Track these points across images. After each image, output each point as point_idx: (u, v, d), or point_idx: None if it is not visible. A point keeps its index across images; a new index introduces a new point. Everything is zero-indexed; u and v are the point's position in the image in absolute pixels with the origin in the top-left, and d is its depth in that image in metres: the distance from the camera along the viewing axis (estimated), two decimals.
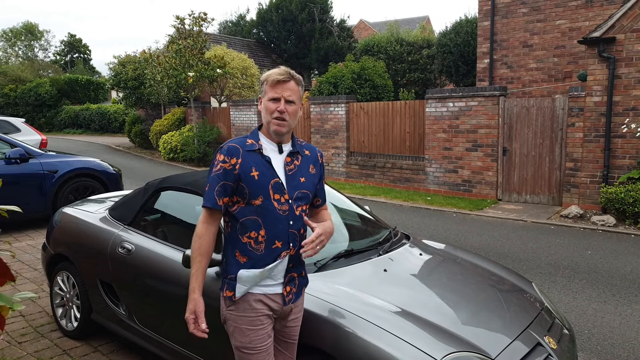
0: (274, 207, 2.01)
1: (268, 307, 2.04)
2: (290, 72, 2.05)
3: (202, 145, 14.37)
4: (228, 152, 2.01)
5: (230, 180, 2.00)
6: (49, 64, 44.30)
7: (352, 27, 26.29)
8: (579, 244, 6.33)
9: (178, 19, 13.80)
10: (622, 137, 7.70)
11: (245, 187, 1.99)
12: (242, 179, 1.99)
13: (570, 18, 11.48)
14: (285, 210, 2.04)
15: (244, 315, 2.02)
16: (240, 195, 2.01)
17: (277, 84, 2.02)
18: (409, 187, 10.35)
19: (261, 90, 2.09)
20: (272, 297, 2.05)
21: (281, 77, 2.02)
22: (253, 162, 2.02)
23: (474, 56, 13.84)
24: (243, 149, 2.03)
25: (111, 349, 3.56)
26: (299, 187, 2.09)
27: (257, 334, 2.02)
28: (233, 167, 1.99)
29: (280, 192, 2.03)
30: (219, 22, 32.79)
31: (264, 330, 2.03)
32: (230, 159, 2.00)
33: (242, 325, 2.02)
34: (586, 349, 3.63)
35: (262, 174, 2.01)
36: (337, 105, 11.50)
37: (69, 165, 7.21)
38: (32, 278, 5.00)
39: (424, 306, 2.43)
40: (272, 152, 2.07)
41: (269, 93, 2.03)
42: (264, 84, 2.06)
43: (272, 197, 2.02)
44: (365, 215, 3.57)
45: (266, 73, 2.09)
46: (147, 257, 3.05)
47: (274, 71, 2.06)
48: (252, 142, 2.07)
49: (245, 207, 2.02)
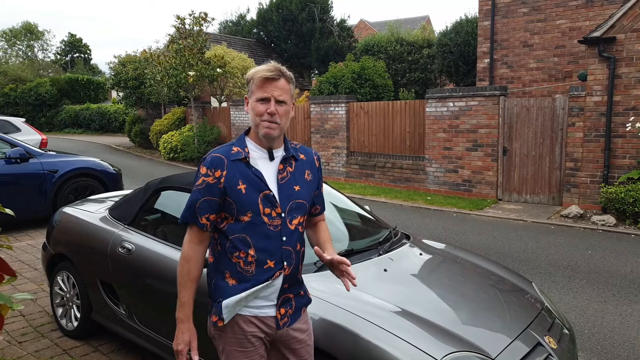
0: (264, 222, 1.80)
1: (260, 330, 1.84)
2: (280, 68, 1.81)
3: (203, 145, 14.38)
4: (211, 164, 1.79)
5: (215, 195, 1.78)
6: (49, 63, 44.32)
7: (352, 27, 26.27)
8: (579, 244, 6.33)
9: (178, 19, 13.81)
10: (622, 137, 7.70)
11: (233, 202, 1.78)
12: (229, 193, 1.78)
13: (571, 18, 11.48)
14: (277, 225, 1.82)
15: (233, 337, 1.83)
16: (227, 212, 1.81)
17: (266, 82, 1.77)
18: (409, 187, 10.35)
19: (248, 90, 1.84)
20: (263, 320, 1.84)
21: (270, 75, 1.77)
22: (239, 173, 1.79)
23: (474, 56, 13.84)
24: (228, 160, 1.80)
25: (111, 349, 3.56)
26: (293, 196, 1.86)
27: (248, 356, 1.83)
28: (217, 180, 1.77)
29: (272, 205, 1.81)
30: (219, 22, 32.78)
31: (255, 352, 1.84)
32: (214, 171, 1.78)
33: (231, 347, 1.83)
34: (586, 349, 3.63)
35: (250, 186, 1.79)
36: (337, 105, 11.50)
37: (69, 165, 7.21)
38: (32, 278, 5.00)
39: (424, 306, 2.43)
40: (261, 159, 1.84)
41: (257, 93, 1.79)
42: (250, 83, 1.81)
43: (262, 211, 1.79)
44: (365, 215, 3.57)
45: (252, 70, 1.83)
46: (147, 257, 3.05)
47: (261, 67, 1.81)
48: (238, 149, 1.83)
49: (234, 223, 1.81)
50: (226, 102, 15.81)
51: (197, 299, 1.88)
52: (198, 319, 1.92)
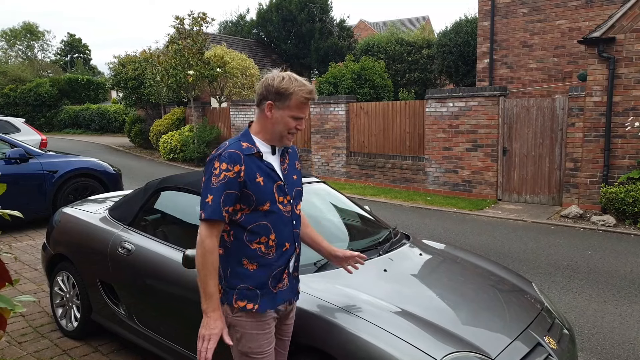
0: (279, 210, 1.99)
1: (276, 310, 2.04)
2: (314, 90, 1.98)
3: (202, 145, 14.37)
4: (231, 159, 1.89)
5: (235, 188, 1.90)
6: (49, 64, 44.31)
7: (352, 27, 26.29)
8: (579, 244, 6.33)
9: (178, 19, 13.82)
10: (622, 137, 7.70)
11: (252, 194, 1.92)
12: (248, 186, 1.92)
13: (570, 18, 11.48)
14: (289, 211, 2.04)
15: (253, 321, 1.98)
16: (245, 203, 1.94)
17: (306, 103, 1.94)
18: (409, 187, 10.35)
19: (281, 99, 1.92)
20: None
21: (311, 97, 1.94)
22: (256, 167, 1.94)
23: (474, 56, 13.84)
24: (243, 155, 1.92)
25: (111, 349, 3.56)
26: (295, 184, 2.10)
27: (266, 337, 2.00)
28: (237, 174, 1.89)
29: (284, 194, 2.02)
30: (219, 22, 32.79)
31: (270, 333, 2.02)
32: (234, 166, 1.89)
33: (252, 330, 1.97)
34: (586, 349, 3.63)
35: (266, 178, 1.96)
36: (337, 105, 11.50)
37: (69, 165, 7.21)
38: (32, 278, 5.00)
39: (424, 306, 2.43)
40: (267, 154, 2.01)
41: (294, 111, 1.93)
42: (286, 95, 1.90)
43: (278, 200, 1.99)
44: (365, 215, 3.57)
45: (293, 84, 1.91)
46: (147, 257, 3.05)
47: (303, 87, 1.92)
48: (248, 145, 1.96)
49: (251, 213, 1.95)
50: (226, 102, 15.81)
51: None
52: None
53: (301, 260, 2.23)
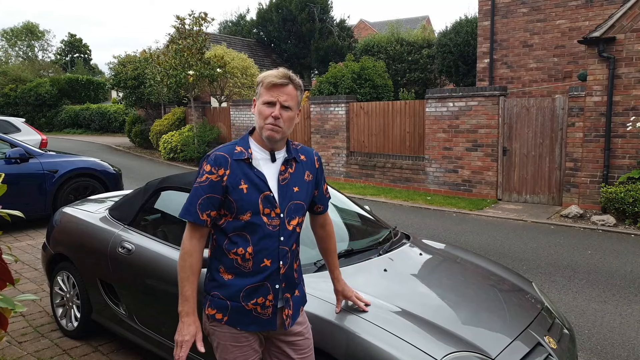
0: (263, 222, 1.84)
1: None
2: (290, 75, 1.86)
3: (202, 145, 14.38)
4: (215, 162, 1.82)
5: (217, 193, 1.82)
6: (49, 63, 44.31)
7: (352, 27, 26.30)
8: (579, 244, 6.33)
9: (178, 19, 13.81)
10: (622, 137, 7.70)
11: (234, 201, 1.82)
12: (230, 192, 1.82)
13: (570, 18, 11.48)
14: (276, 225, 1.86)
15: (227, 332, 1.88)
16: (227, 209, 1.85)
17: (274, 87, 1.83)
18: (409, 187, 10.35)
19: (256, 92, 1.91)
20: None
21: (278, 81, 1.83)
22: (242, 173, 1.83)
23: (474, 56, 13.84)
24: (232, 159, 1.84)
25: (111, 349, 3.56)
26: (293, 197, 1.91)
27: (242, 351, 1.89)
28: (220, 178, 1.81)
29: (271, 206, 1.85)
30: (219, 22, 32.82)
31: (249, 348, 1.91)
32: (218, 169, 1.82)
33: (226, 342, 1.89)
34: (586, 349, 3.63)
35: (252, 187, 1.83)
36: (337, 105, 11.50)
37: (69, 165, 7.21)
38: (32, 278, 5.00)
39: (424, 306, 2.43)
40: (263, 160, 1.89)
41: (264, 96, 1.84)
42: (259, 85, 1.87)
43: (262, 211, 1.84)
44: (365, 215, 3.57)
45: (263, 74, 1.89)
46: (147, 257, 3.05)
47: (271, 72, 1.87)
48: (241, 149, 1.87)
49: (233, 221, 1.85)
50: (226, 102, 15.81)
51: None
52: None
53: (301, 260, 2.18)
